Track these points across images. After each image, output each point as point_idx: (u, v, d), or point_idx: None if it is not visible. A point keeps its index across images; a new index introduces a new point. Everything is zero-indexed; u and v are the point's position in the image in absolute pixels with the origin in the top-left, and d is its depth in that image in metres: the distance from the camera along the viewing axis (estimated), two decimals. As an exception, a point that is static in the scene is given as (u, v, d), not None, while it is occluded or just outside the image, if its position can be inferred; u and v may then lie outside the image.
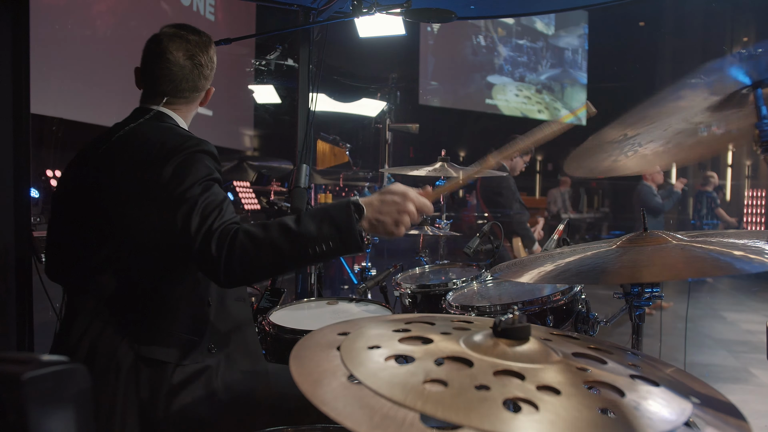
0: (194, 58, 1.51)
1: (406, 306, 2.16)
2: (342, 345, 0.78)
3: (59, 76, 4.86)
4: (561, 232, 1.88)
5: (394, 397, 0.62)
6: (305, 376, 0.69)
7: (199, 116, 1.92)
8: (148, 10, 6.11)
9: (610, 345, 0.93)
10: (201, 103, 1.62)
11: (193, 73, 1.52)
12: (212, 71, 1.58)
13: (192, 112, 1.61)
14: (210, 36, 1.59)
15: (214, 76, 1.62)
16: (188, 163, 1.35)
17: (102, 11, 5.61)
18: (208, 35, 1.59)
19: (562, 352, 0.79)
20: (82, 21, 5.28)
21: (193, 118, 1.66)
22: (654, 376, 0.76)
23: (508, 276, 1.29)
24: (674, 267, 1.05)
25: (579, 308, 1.66)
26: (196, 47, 1.52)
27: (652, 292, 1.31)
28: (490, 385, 0.65)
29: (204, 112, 6.52)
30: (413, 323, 0.89)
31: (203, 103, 1.63)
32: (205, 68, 1.54)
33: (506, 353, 0.73)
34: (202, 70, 1.53)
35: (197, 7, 6.92)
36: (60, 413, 0.76)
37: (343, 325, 0.92)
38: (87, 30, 5.28)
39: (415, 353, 0.74)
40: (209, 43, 1.56)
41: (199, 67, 1.52)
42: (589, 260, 1.22)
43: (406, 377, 0.66)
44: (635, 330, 1.39)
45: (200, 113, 5.43)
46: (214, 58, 1.59)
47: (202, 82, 1.55)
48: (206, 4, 7.09)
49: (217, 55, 1.64)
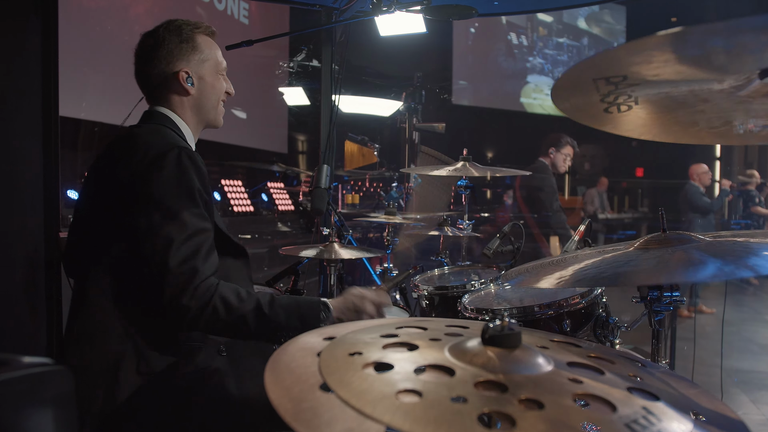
0: (143, 48, 1.53)
1: (423, 308, 2.12)
2: (323, 351, 0.75)
3: (101, 79, 4.99)
4: (582, 233, 1.81)
5: (362, 408, 0.59)
6: (276, 382, 0.66)
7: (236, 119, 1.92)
8: (185, 15, 6.22)
9: (617, 353, 0.88)
10: (182, 95, 1.54)
11: (149, 63, 1.52)
12: (168, 55, 1.51)
13: (180, 108, 1.56)
14: (167, 22, 1.56)
15: (251, 80, 1.60)
16: (171, 178, 1.33)
17: (140, 13, 5.75)
18: (166, 22, 1.56)
19: (557, 361, 0.74)
20: (120, 23, 5.41)
21: (231, 121, 1.64)
22: (656, 388, 0.71)
23: (519, 283, 1.24)
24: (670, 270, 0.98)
25: (599, 312, 1.59)
26: (146, 38, 1.54)
27: (671, 296, 1.23)
28: (468, 396, 0.61)
29: (239, 114, 6.62)
30: (404, 328, 0.86)
31: (184, 94, 1.54)
32: (155, 51, 1.51)
33: (492, 362, 0.69)
34: (153, 55, 1.51)
35: (231, 11, 7.02)
36: (38, 415, 0.75)
37: (334, 329, 0.90)
38: (125, 35, 5.41)
39: (395, 361, 0.70)
40: (160, 29, 1.54)
41: (148, 54, 1.52)
42: (604, 263, 1.16)
43: (380, 387, 0.63)
44: (655, 336, 1.32)
45: (237, 115, 5.37)
46: (170, 39, 1.53)
47: (158, 67, 1.51)
48: (240, 8, 7.19)
49: (249, 59, 1.61)
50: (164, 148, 1.36)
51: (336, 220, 2.82)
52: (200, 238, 1.32)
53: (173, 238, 1.28)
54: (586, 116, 1.20)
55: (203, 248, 1.31)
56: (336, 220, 2.82)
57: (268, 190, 6.22)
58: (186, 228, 1.30)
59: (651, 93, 1.08)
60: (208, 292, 1.28)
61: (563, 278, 1.07)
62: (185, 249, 1.28)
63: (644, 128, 1.24)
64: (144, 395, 1.32)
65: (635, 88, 1.06)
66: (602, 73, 0.97)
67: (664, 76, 0.96)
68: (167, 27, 1.53)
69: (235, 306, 1.30)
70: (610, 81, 1.01)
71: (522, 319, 1.62)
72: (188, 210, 1.32)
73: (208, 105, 1.60)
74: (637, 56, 0.91)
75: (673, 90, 1.06)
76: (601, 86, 1.04)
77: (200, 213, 1.35)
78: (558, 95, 1.10)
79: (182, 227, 1.30)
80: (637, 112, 1.18)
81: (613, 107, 1.15)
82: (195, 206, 1.34)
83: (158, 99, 1.55)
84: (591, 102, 1.13)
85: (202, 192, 1.36)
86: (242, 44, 2.85)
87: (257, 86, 7.10)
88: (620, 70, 0.94)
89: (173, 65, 1.52)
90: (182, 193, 1.33)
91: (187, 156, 1.36)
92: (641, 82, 1.01)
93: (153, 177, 1.32)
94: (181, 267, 1.27)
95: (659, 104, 1.14)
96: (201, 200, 1.36)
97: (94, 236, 1.41)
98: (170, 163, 1.33)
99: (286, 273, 2.70)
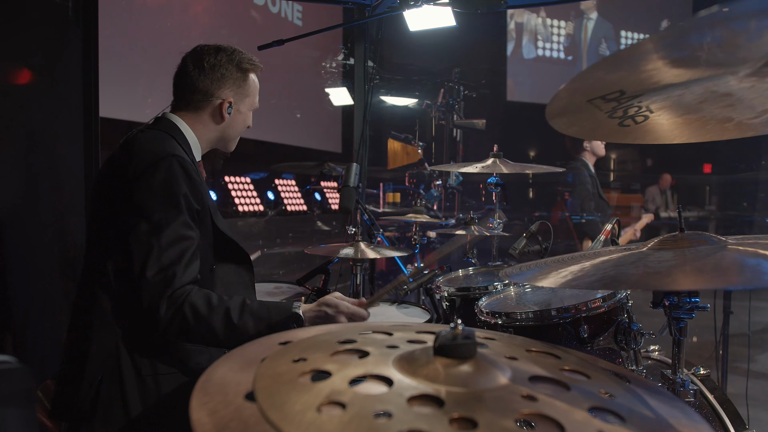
0: (199, 61, 1.53)
1: (444, 310, 2.05)
2: (269, 356, 0.72)
3: (152, 81, 5.18)
4: (608, 232, 1.69)
5: (276, 420, 0.55)
6: (203, 386, 0.63)
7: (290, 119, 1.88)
8: (239, 19, 6.36)
9: (603, 366, 0.79)
10: (215, 119, 1.58)
11: (199, 76, 1.53)
12: (221, 79, 1.55)
13: (203, 125, 1.58)
14: (230, 51, 1.58)
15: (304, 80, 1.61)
16: (158, 186, 1.34)
17: (198, 13, 5.91)
18: (230, 50, 1.59)
19: (518, 374, 0.67)
20: (178, 24, 5.58)
21: (283, 121, 1.66)
22: (626, 409, 0.63)
23: (519, 280, 1.16)
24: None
25: (621, 318, 1.48)
26: (206, 54, 1.54)
27: (690, 301, 1.11)
28: (395, 412, 0.56)
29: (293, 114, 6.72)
30: (366, 334, 0.81)
31: (218, 120, 1.58)
32: (211, 72, 1.53)
33: (437, 374, 0.63)
34: (207, 72, 1.53)
35: (285, 13, 7.13)
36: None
37: (303, 332, 0.86)
38: (182, 40, 5.58)
39: (338, 369, 0.66)
40: (222, 53, 1.56)
41: (202, 69, 1.53)
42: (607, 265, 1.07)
43: (305, 397, 0.59)
44: (676, 344, 1.20)
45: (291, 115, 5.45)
46: (228, 67, 1.56)
47: (206, 84, 1.54)
48: (294, 10, 7.28)
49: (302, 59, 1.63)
50: (156, 156, 1.37)
51: (366, 218, 2.79)
52: (182, 245, 1.33)
53: (153, 245, 1.30)
54: (602, 134, 1.12)
55: (185, 256, 1.32)
56: (366, 219, 2.79)
57: (321, 189, 6.28)
58: (168, 236, 1.31)
59: (661, 99, 0.98)
60: (180, 299, 1.29)
61: (554, 278, 0.99)
62: (165, 257, 1.30)
63: (674, 132, 1.13)
64: (144, 397, 1.33)
65: (641, 99, 0.96)
66: (593, 94, 0.88)
67: (665, 81, 0.86)
68: (231, 54, 1.57)
69: (204, 314, 1.30)
70: (607, 99, 0.92)
71: (539, 323, 1.53)
72: (172, 218, 1.33)
73: (233, 135, 1.65)
74: (621, 71, 0.82)
75: (687, 92, 0.96)
76: (601, 105, 0.96)
77: (185, 221, 1.35)
78: (558, 124, 1.02)
79: (164, 235, 1.31)
80: (658, 119, 1.08)
81: (627, 120, 1.06)
82: (180, 214, 1.34)
83: (184, 107, 1.57)
84: (599, 120, 1.04)
85: (190, 200, 1.37)
86: (273, 44, 2.87)
87: (311, 86, 7.19)
88: (611, 87, 0.86)
89: (222, 92, 1.56)
90: (167, 201, 1.34)
91: (177, 164, 1.37)
92: (643, 92, 0.91)
93: (141, 184, 1.34)
94: (158, 275, 1.29)
95: (679, 108, 1.04)
96: (188, 208, 1.36)
97: (93, 241, 1.45)
98: (159, 171, 1.35)
99: (317, 272, 2.69)
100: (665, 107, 0.98)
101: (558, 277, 1.07)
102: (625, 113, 0.97)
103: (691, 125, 1.10)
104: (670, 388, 1.19)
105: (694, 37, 0.71)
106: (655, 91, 0.88)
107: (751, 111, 1.01)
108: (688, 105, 0.98)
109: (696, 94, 0.92)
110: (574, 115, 0.98)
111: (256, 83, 1.65)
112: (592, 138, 1.14)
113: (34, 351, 2.09)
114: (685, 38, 0.73)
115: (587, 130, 1.04)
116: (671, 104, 0.98)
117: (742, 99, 0.94)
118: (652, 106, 0.97)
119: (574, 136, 1.08)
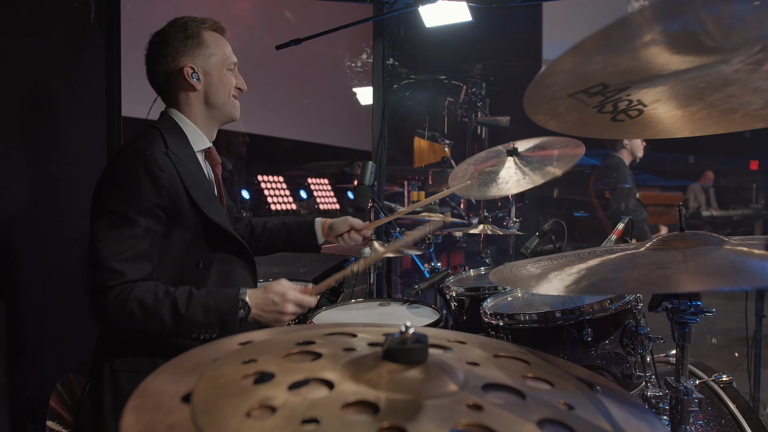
0: (150, 48, 1.56)
1: (453, 311, 2.01)
2: (220, 358, 0.70)
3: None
4: (620, 231, 1.62)
5: (202, 424, 0.53)
6: (144, 388, 0.62)
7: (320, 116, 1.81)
8: (273, 21, 6.42)
9: (578, 374, 0.75)
10: (189, 90, 1.56)
11: (155, 62, 1.55)
12: (173, 53, 1.54)
13: (188, 106, 1.57)
14: (171, 22, 1.58)
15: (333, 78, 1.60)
16: (118, 183, 1.38)
17: (237, 15, 6.00)
18: (171, 22, 1.58)
19: (471, 381, 0.63)
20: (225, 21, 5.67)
21: (313, 117, 1.66)
22: (583, 422, 0.58)
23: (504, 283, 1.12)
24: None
25: (628, 321, 1.41)
26: (152, 39, 1.56)
27: (691, 305, 1.05)
28: (325, 419, 0.53)
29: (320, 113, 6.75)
30: (329, 336, 0.79)
31: (191, 90, 1.56)
32: (160, 50, 1.54)
33: (380, 380, 0.60)
34: (158, 54, 1.54)
35: (316, 15, 7.16)
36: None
37: (264, 333, 0.85)
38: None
39: (283, 372, 0.64)
40: (165, 29, 1.56)
41: (154, 54, 1.55)
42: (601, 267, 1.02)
43: (237, 401, 0.57)
44: (680, 349, 1.13)
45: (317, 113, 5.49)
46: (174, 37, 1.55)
47: (163, 65, 1.54)
48: (325, 12, 7.31)
49: (333, 59, 1.63)
50: (119, 154, 1.42)
51: (382, 217, 2.77)
52: (130, 241, 1.34)
53: (101, 241, 1.33)
54: (594, 130, 1.06)
55: (132, 251, 1.34)
56: (382, 218, 2.78)
57: (352, 188, 6.27)
58: (117, 232, 1.33)
59: (652, 92, 0.93)
60: (123, 295, 1.30)
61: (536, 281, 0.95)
62: (111, 253, 1.32)
63: (677, 125, 1.07)
64: (115, 393, 1.36)
65: (629, 92, 0.91)
66: (573, 88, 0.83)
67: (647, 73, 0.81)
68: (173, 24, 1.55)
69: (151, 308, 1.31)
70: (589, 92, 0.87)
71: (542, 325, 1.48)
72: (123, 214, 1.35)
73: (218, 100, 1.60)
74: (591, 64, 0.76)
75: (677, 83, 0.90)
76: (585, 99, 0.90)
77: (137, 217, 1.36)
78: (542, 121, 0.97)
79: (113, 231, 1.33)
80: (654, 112, 1.02)
81: (620, 115, 1.00)
82: (132, 209, 1.36)
83: (168, 98, 1.58)
84: (588, 115, 0.99)
85: (149, 195, 1.38)
86: (290, 43, 2.88)
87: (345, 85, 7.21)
88: (588, 81, 0.81)
89: (178, 61, 1.54)
90: (121, 197, 1.36)
91: (137, 161, 1.38)
92: (628, 84, 0.86)
93: (102, 180, 1.39)
94: (104, 271, 1.31)
95: (676, 100, 0.98)
96: (147, 204, 1.37)
97: None
98: (116, 168, 1.39)
99: (333, 270, 2.69)
100: (660, 100, 0.92)
101: (549, 280, 1.03)
102: (616, 108, 0.92)
103: (694, 118, 1.03)
104: (672, 396, 1.13)
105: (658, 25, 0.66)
106: (640, 83, 0.83)
107: (756, 101, 0.95)
108: (685, 97, 0.93)
109: (689, 86, 0.86)
110: (560, 111, 0.93)
111: (217, 39, 1.60)
112: (585, 134, 1.08)
113: (54, 345, 2.16)
114: (643, 27, 0.67)
115: (577, 125, 0.98)
116: (666, 97, 0.92)
117: (742, 89, 0.87)
118: (644, 99, 0.91)
119: (567, 133, 1.03)
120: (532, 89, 0.82)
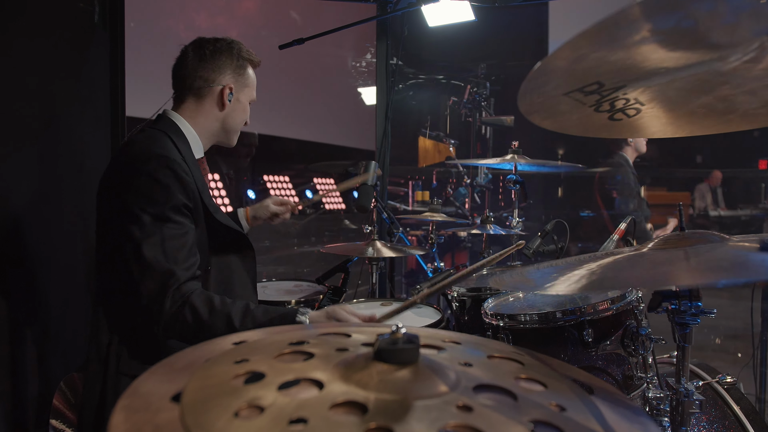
0: (200, 49, 1.56)
1: (454, 310, 2.01)
2: (213, 358, 0.70)
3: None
4: (623, 231, 1.60)
5: (189, 424, 0.53)
6: (135, 388, 0.62)
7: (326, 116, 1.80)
8: (279, 21, 6.43)
9: (574, 375, 0.74)
10: (217, 106, 1.59)
11: (200, 62, 1.55)
12: (222, 66, 1.57)
13: (204, 116, 1.60)
14: (229, 41, 1.61)
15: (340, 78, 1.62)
16: (146, 187, 1.35)
17: (243, 15, 6.00)
18: (229, 40, 1.62)
19: (462, 382, 0.63)
20: (224, 26, 5.69)
21: (320, 117, 1.69)
22: (574, 425, 0.58)
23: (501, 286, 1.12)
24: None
25: (629, 322, 1.40)
26: (206, 42, 1.57)
27: (692, 306, 1.04)
28: (312, 419, 0.53)
29: (326, 113, 6.75)
30: (322, 336, 0.79)
31: (220, 107, 1.60)
32: (212, 58, 1.55)
33: (369, 380, 0.60)
34: (208, 59, 1.55)
35: (321, 16, 7.16)
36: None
37: (266, 333, 0.84)
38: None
39: (274, 372, 0.64)
40: (222, 42, 1.59)
41: (203, 56, 1.55)
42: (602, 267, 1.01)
43: (226, 400, 0.57)
44: (681, 350, 1.12)
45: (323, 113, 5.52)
46: (229, 54, 1.58)
47: (207, 70, 1.56)
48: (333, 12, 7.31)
49: (339, 59, 1.66)
50: (143, 158, 1.39)
51: (385, 217, 2.77)
52: (177, 242, 1.33)
53: (148, 244, 1.31)
54: (593, 129, 1.05)
55: (181, 252, 1.32)
56: (385, 218, 2.77)
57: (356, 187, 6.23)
58: (162, 234, 1.32)
59: (649, 91, 0.92)
60: (183, 297, 1.28)
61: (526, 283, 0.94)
62: (162, 255, 1.31)
63: (674, 125, 1.07)
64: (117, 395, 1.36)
65: (625, 90, 0.90)
66: (568, 87, 0.83)
67: (642, 71, 0.80)
68: (230, 44, 1.60)
69: (204, 319, 1.29)
70: (585, 91, 0.86)
71: (543, 325, 1.47)
72: (162, 216, 1.34)
73: (234, 125, 1.65)
74: (585, 62, 0.76)
75: (673, 82, 0.89)
76: (581, 98, 0.90)
77: (175, 218, 1.36)
78: (538, 118, 0.96)
79: (157, 234, 1.32)
80: (652, 111, 1.01)
81: (618, 114, 0.99)
82: (167, 210, 1.35)
83: (183, 101, 1.59)
84: (586, 114, 0.98)
85: (179, 197, 1.37)
86: (294, 43, 2.89)
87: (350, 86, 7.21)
88: (583, 79, 0.80)
89: (223, 78, 1.58)
90: (154, 200, 1.35)
91: (164, 165, 1.38)
92: (623, 83, 0.85)
93: (129, 186, 1.37)
94: (159, 273, 1.29)
95: (672, 100, 0.97)
96: (176, 205, 1.37)
97: (98, 242, 1.48)
98: (144, 172, 1.37)
99: (336, 270, 2.69)
100: (656, 99, 0.91)
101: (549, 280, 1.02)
102: (613, 106, 0.91)
103: (692, 118, 1.02)
104: (673, 397, 1.12)
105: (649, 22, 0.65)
106: (635, 80, 0.82)
107: (754, 101, 0.94)
108: (682, 97, 0.92)
109: (684, 85, 0.85)
110: (557, 109, 0.92)
111: (254, 77, 1.67)
112: (584, 134, 1.07)
113: (57, 344, 2.17)
114: (636, 24, 0.67)
115: (575, 124, 0.98)
116: (663, 96, 0.91)
117: (740, 88, 0.86)
118: (641, 98, 0.90)
119: (566, 131, 1.02)
120: (525, 87, 0.81)
